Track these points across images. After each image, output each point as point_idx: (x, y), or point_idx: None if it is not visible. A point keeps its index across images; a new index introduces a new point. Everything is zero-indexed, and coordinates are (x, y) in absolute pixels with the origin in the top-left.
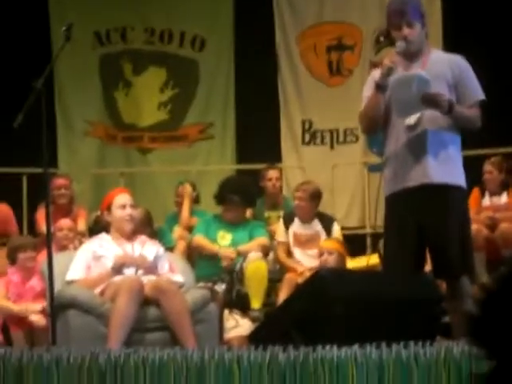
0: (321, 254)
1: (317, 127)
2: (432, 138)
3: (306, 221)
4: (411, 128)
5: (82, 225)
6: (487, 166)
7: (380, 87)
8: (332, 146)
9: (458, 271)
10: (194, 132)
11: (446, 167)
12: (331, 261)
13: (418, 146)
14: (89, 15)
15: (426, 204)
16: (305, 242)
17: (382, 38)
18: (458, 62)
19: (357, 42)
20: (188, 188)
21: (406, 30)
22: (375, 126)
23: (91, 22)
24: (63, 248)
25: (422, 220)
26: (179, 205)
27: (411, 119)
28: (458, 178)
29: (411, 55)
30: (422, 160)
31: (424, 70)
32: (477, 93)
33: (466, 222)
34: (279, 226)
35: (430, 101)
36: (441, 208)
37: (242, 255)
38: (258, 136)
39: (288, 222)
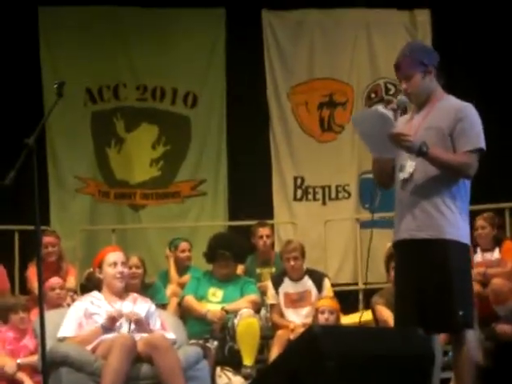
0: (320, 312)
1: (309, 183)
2: (421, 192)
3: (297, 279)
4: (405, 181)
5: (71, 282)
6: (480, 222)
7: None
8: (324, 202)
9: (456, 324)
10: (186, 188)
11: (432, 221)
12: (332, 319)
13: (408, 200)
14: (81, 72)
15: (417, 258)
16: (296, 301)
17: (373, 95)
18: (460, 109)
19: (348, 99)
20: (167, 251)
21: (403, 85)
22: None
23: (83, 79)
24: (55, 306)
25: (416, 272)
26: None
27: (405, 173)
28: (446, 231)
29: (418, 105)
30: (410, 214)
31: (425, 119)
32: (470, 140)
33: (462, 273)
34: (269, 289)
35: (393, 140)
36: (429, 261)
37: (231, 313)
38: (250, 192)
39: (277, 284)
